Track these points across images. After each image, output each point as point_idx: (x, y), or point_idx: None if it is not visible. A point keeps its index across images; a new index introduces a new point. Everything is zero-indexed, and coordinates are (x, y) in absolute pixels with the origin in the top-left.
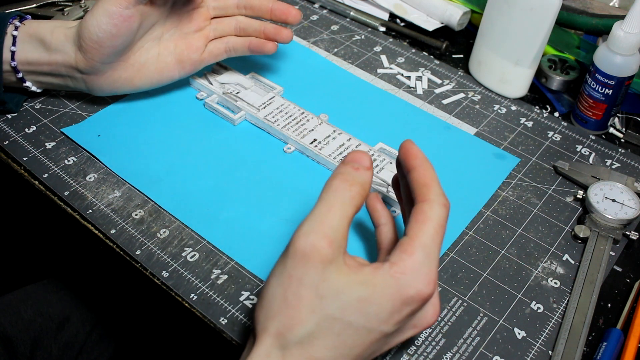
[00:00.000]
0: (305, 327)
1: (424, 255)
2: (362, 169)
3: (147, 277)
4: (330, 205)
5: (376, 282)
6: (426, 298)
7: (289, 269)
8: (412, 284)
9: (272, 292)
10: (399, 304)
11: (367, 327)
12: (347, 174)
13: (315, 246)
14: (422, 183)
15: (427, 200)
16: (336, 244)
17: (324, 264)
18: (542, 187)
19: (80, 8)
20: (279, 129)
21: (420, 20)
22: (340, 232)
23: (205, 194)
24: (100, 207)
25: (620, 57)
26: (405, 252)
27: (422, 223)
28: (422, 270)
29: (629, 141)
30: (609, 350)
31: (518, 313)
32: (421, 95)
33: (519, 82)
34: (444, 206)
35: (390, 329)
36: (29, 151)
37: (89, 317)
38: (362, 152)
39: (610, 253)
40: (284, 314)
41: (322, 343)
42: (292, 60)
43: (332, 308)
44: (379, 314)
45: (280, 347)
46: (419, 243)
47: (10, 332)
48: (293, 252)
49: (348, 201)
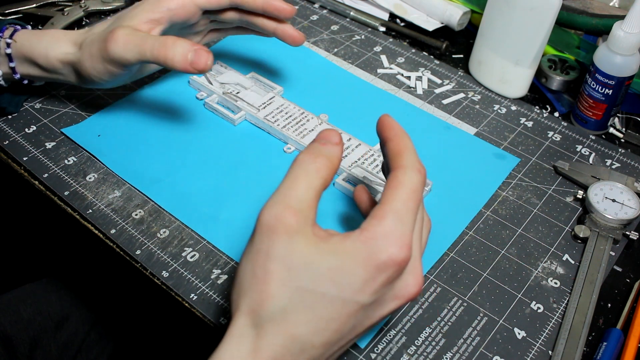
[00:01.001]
0: (277, 302)
1: (395, 219)
2: (330, 144)
3: (147, 277)
4: (294, 177)
5: (346, 249)
6: (401, 263)
7: (257, 244)
8: (383, 248)
9: (242, 270)
10: (372, 271)
11: (341, 298)
12: (313, 147)
13: (280, 217)
14: (396, 151)
15: (401, 167)
16: (302, 215)
17: (290, 234)
18: (542, 187)
19: (80, 8)
20: (279, 129)
21: (420, 20)
22: (306, 203)
23: (205, 194)
24: (100, 207)
25: (620, 57)
26: (376, 218)
27: (394, 189)
28: (394, 234)
29: (629, 141)
30: (609, 350)
31: (518, 313)
32: (421, 95)
33: (519, 82)
34: (417, 171)
35: (367, 299)
36: (29, 151)
37: (88, 317)
38: (331, 129)
39: (610, 253)
40: (254, 289)
41: (297, 318)
42: (292, 60)
43: (302, 279)
44: (352, 283)
45: (253, 326)
46: (390, 208)
47: (9, 331)
48: (259, 226)
49: (313, 173)
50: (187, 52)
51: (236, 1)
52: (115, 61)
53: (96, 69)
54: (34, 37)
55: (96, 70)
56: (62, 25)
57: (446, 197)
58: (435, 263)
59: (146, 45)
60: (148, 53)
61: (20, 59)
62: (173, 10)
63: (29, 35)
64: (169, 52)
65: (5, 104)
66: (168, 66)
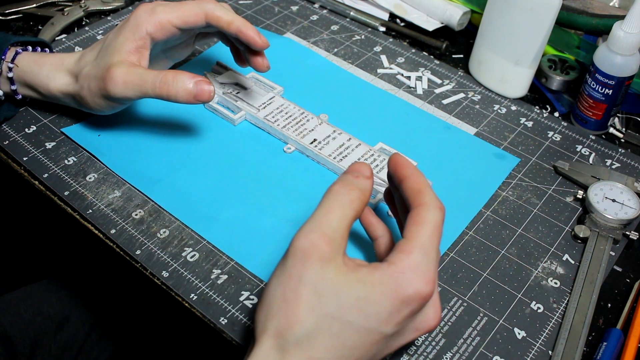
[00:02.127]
0: (303, 327)
1: (422, 255)
2: (362, 177)
3: (147, 277)
4: (329, 207)
5: (374, 281)
6: (425, 297)
7: (289, 268)
8: (410, 282)
9: (272, 292)
10: (398, 303)
11: (366, 328)
12: (347, 180)
13: (315, 244)
14: (416, 189)
15: (423, 204)
16: (335, 244)
17: (322, 262)
18: (542, 187)
19: (80, 8)
20: (279, 129)
21: (420, 20)
22: (339, 233)
23: (205, 194)
24: (100, 207)
25: (620, 57)
26: (403, 252)
27: (419, 225)
28: (421, 269)
29: (629, 141)
30: (609, 350)
31: (518, 313)
32: (421, 95)
33: (519, 82)
34: (439, 209)
35: (391, 330)
36: (29, 151)
37: (88, 317)
38: (364, 163)
39: (610, 253)
40: (283, 313)
41: (321, 344)
42: (292, 60)
43: (330, 307)
44: (378, 314)
45: (279, 349)
46: (417, 243)
47: (10, 331)
48: (293, 251)
49: (347, 204)
50: (188, 87)
51: (211, 20)
52: (115, 100)
53: (97, 104)
54: (34, 64)
55: (97, 104)
56: (62, 25)
57: (446, 197)
58: None
59: (147, 85)
60: (150, 91)
61: (21, 84)
62: (152, 33)
63: (30, 61)
64: (171, 89)
65: (5, 112)
66: (171, 101)
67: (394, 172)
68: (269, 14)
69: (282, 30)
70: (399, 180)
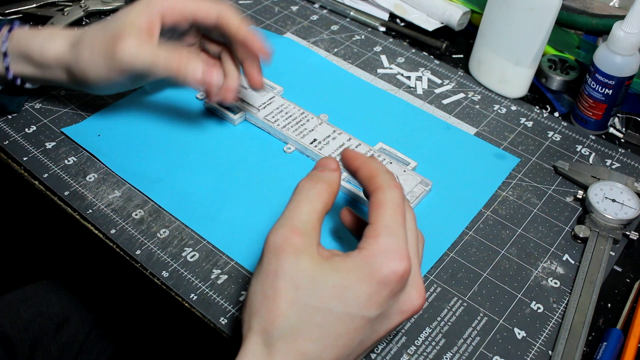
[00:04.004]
0: (286, 320)
1: (388, 235)
2: (328, 170)
3: (147, 277)
4: (298, 202)
5: (349, 267)
6: (403, 275)
7: (265, 265)
8: (383, 263)
9: (252, 290)
10: (375, 285)
11: (348, 314)
12: (313, 174)
13: (286, 238)
14: (369, 176)
15: (378, 187)
16: (307, 236)
17: (296, 254)
18: (542, 187)
19: (80, 8)
20: (279, 129)
21: (420, 20)
22: (310, 225)
23: (205, 194)
24: (100, 207)
25: (620, 57)
26: (371, 237)
27: (380, 207)
28: (391, 249)
29: (629, 141)
30: (609, 350)
31: (518, 313)
32: (421, 95)
33: (519, 82)
34: (395, 187)
35: (373, 312)
36: (29, 151)
37: (88, 317)
38: (330, 157)
39: (610, 253)
40: (265, 309)
41: (306, 335)
42: (292, 60)
43: (309, 297)
44: (357, 298)
45: (265, 345)
46: (381, 226)
47: (9, 332)
48: (267, 248)
49: (315, 197)
50: (200, 78)
51: (221, 22)
52: (120, 67)
53: (95, 71)
54: (30, 34)
55: (95, 72)
56: (62, 26)
57: (446, 197)
58: (435, 263)
59: (159, 59)
60: (161, 67)
61: (15, 55)
62: (164, 14)
63: (26, 31)
64: (181, 71)
65: (6, 102)
66: (179, 81)
67: (347, 167)
68: (269, 14)
69: (282, 30)
70: (353, 172)
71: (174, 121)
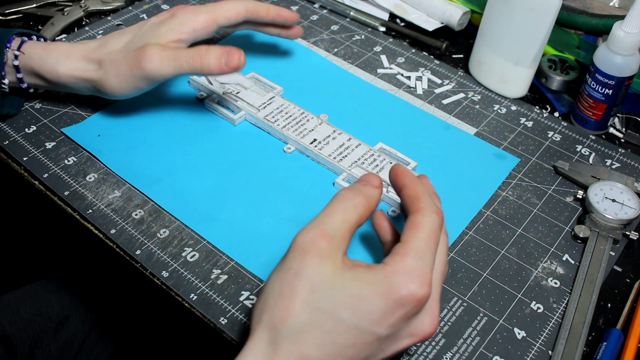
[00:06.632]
0: (297, 320)
1: (416, 258)
2: (370, 186)
3: (147, 277)
4: (333, 209)
5: (369, 280)
6: (420, 300)
7: (288, 263)
8: (404, 283)
9: (270, 285)
10: (391, 304)
11: (359, 327)
12: (355, 186)
13: (314, 241)
14: (413, 196)
15: (419, 210)
16: (335, 243)
17: (320, 258)
18: (542, 187)
19: (80, 8)
20: (279, 129)
21: (420, 20)
22: (340, 233)
23: (205, 194)
24: (100, 207)
25: (620, 57)
26: (398, 255)
27: (415, 229)
28: (415, 271)
29: (629, 141)
30: (609, 350)
31: (518, 313)
32: (421, 95)
33: (519, 82)
34: (435, 213)
35: (384, 331)
36: (29, 151)
37: (88, 317)
38: (374, 174)
39: (610, 253)
40: (278, 306)
41: (313, 339)
42: (292, 60)
43: (323, 302)
44: (370, 313)
45: (271, 342)
46: (412, 247)
47: (9, 331)
48: (293, 247)
49: (351, 208)
50: (220, 56)
51: (250, 15)
52: (149, 77)
53: (123, 87)
54: (42, 51)
55: (122, 87)
56: (62, 25)
57: (446, 197)
58: None
59: (181, 59)
60: (185, 65)
61: (27, 71)
62: (198, 31)
63: (37, 48)
64: (204, 60)
65: (7, 109)
66: (205, 72)
67: (393, 182)
68: None
69: None
70: (398, 189)
71: (174, 121)
